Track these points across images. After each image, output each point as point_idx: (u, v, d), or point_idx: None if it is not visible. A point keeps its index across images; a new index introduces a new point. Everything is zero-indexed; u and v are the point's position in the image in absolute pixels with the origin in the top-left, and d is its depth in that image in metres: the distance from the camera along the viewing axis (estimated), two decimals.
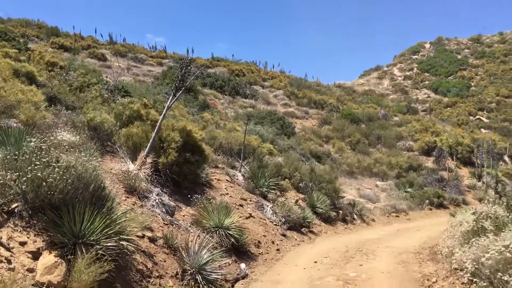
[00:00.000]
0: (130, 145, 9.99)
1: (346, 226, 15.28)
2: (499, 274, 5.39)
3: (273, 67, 48.22)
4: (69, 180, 5.50)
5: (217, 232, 8.69)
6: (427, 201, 21.38)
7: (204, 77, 31.33)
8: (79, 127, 9.63)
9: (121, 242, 5.70)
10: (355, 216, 16.49)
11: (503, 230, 7.02)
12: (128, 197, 8.04)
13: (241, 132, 17.61)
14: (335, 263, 8.89)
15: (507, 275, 5.38)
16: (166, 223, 8.11)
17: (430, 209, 21.02)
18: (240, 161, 14.85)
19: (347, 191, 19.74)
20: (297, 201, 14.19)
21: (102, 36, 45.50)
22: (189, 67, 10.55)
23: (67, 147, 6.60)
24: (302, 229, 12.68)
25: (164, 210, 8.62)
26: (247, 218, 10.93)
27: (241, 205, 11.57)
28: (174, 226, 8.26)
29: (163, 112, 10.04)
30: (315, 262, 9.03)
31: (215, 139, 15.60)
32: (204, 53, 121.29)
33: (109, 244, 5.42)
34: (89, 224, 5.40)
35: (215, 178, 12.57)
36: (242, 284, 7.57)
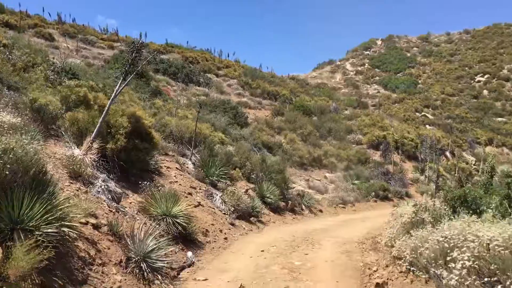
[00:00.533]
0: (75, 130, 9.66)
1: (294, 216, 15.52)
2: (434, 262, 5.66)
3: (228, 56, 48.09)
4: (7, 164, 5.25)
5: (165, 220, 8.60)
6: (373, 193, 22.10)
7: (157, 62, 30.72)
8: (21, 109, 9.19)
9: (63, 229, 5.51)
10: (303, 207, 16.79)
11: (440, 222, 7.37)
12: (72, 183, 7.79)
13: (193, 120, 17.44)
14: (281, 252, 9.02)
15: (442, 266, 5.66)
16: (112, 210, 7.93)
17: (375, 201, 21.74)
18: (191, 149, 14.73)
19: (297, 182, 20.06)
20: (247, 190, 14.28)
21: (50, 15, 43.74)
22: (140, 51, 10.28)
23: (6, 129, 6.29)
24: (251, 219, 12.77)
25: (110, 197, 8.42)
26: (196, 206, 10.87)
27: (190, 194, 11.50)
28: (120, 213, 8.09)
29: (112, 97, 9.76)
30: (262, 251, 9.13)
31: (166, 126, 15.39)
32: (158, 39, 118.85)
33: (49, 230, 5.22)
34: (28, 209, 5.19)
35: (165, 166, 12.41)
36: (188, 272, 7.54)
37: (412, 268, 6.29)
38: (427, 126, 46.60)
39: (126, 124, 9.90)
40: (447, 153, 35.30)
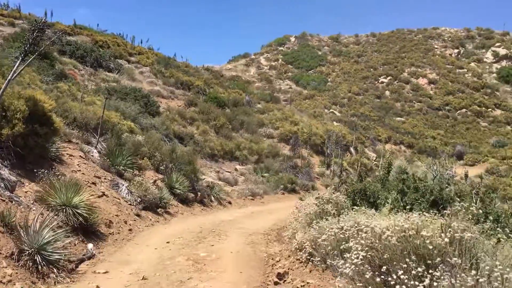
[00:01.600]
0: None
1: (203, 207, 15.49)
2: (331, 253, 5.93)
3: (141, 43, 46.45)
4: None
5: (64, 210, 8.14)
6: (281, 186, 22.71)
7: (63, 44, 28.92)
8: None
9: None
10: (212, 198, 16.80)
11: (342, 214, 7.74)
12: None
13: (100, 106, 16.68)
14: (187, 244, 8.96)
15: (338, 256, 5.95)
16: (4, 199, 7.35)
17: (283, 194, 22.36)
18: (97, 137, 14.09)
19: (207, 174, 20.02)
20: (155, 181, 13.97)
21: None
22: (43, 30, 9.58)
23: None
24: (158, 210, 12.52)
25: (2, 185, 7.81)
26: (99, 196, 10.43)
27: (94, 183, 11.00)
28: (14, 202, 7.54)
29: (8, 78, 9.01)
30: (168, 242, 9.00)
31: (70, 112, 14.56)
32: (66, 19, 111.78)
33: None
34: None
35: (67, 154, 11.75)
36: (87, 264, 7.21)
37: (311, 259, 6.55)
38: (334, 122, 48.79)
39: (23, 108, 9.21)
40: (351, 149, 37.25)
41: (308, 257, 6.70)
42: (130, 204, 11.45)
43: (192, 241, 9.23)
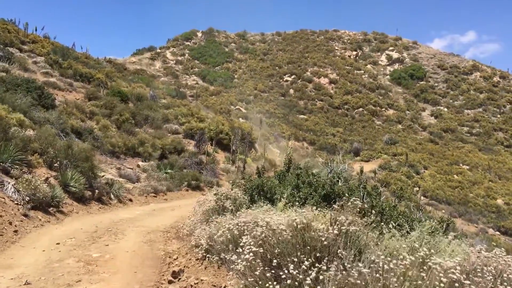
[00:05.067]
0: None
1: (101, 206, 14.83)
2: (226, 249, 5.96)
3: (36, 30, 43.26)
4: None
5: None
6: (185, 182, 22.49)
7: None
8: None
9: None
10: (112, 196, 16.15)
11: (239, 210, 7.82)
12: None
13: None
14: (80, 244, 8.50)
15: (233, 251, 5.99)
16: None
17: (187, 190, 22.16)
18: None
19: (107, 171, 19.22)
20: (47, 179, 13.09)
21: None
22: None
23: None
24: (50, 209, 11.75)
25: None
26: None
27: None
28: None
29: None
30: (58, 243, 8.47)
31: None
32: None
33: None
34: None
35: None
36: None
37: (207, 255, 6.53)
38: (240, 119, 49.38)
39: None
40: (256, 145, 37.94)
41: (205, 254, 6.68)
42: (17, 204, 10.61)
43: (86, 242, 8.77)
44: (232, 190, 8.99)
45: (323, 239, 5.25)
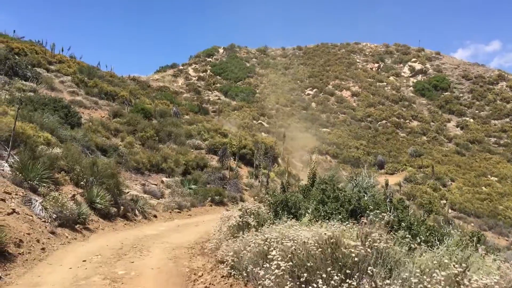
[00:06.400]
0: None
1: (126, 222, 14.92)
2: (253, 265, 5.87)
3: (62, 51, 44.34)
4: None
5: None
6: (209, 198, 22.49)
7: None
8: None
9: None
10: (137, 212, 16.25)
11: (263, 225, 7.73)
12: None
13: (13, 117, 15.61)
14: (105, 261, 8.53)
15: (260, 267, 5.90)
16: None
17: (211, 205, 22.16)
18: (8, 150, 13.14)
19: (132, 187, 19.39)
20: (74, 196, 13.26)
21: None
22: None
23: None
24: (77, 226, 11.87)
25: None
26: (9, 214, 9.68)
27: (3, 199, 10.21)
28: None
29: None
30: (84, 260, 8.51)
31: None
32: None
33: None
34: None
35: None
36: None
37: (233, 272, 6.45)
38: (262, 133, 49.39)
39: None
40: (279, 160, 37.81)
41: (230, 270, 6.59)
42: (44, 221, 10.74)
43: (111, 258, 8.80)
44: (255, 205, 8.92)
45: (353, 255, 5.12)
